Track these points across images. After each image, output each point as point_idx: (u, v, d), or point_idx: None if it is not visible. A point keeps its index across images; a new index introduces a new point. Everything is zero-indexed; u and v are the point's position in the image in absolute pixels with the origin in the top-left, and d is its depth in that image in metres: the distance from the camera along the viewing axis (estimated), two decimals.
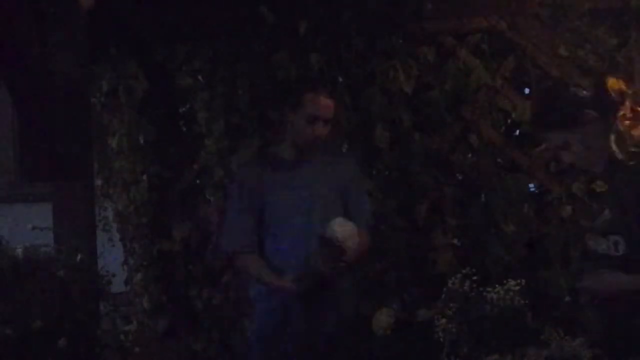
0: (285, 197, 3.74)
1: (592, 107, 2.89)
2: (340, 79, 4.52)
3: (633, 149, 2.94)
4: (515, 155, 4.43)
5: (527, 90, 4.49)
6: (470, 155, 4.45)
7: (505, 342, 3.04)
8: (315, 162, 3.79)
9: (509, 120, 4.51)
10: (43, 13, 3.68)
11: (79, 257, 3.45)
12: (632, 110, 2.99)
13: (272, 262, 3.73)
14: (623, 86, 2.97)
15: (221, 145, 4.77)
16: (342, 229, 3.48)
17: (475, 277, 3.13)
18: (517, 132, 4.54)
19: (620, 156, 2.92)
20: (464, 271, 3.15)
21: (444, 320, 3.07)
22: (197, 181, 4.96)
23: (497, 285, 3.13)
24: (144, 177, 5.09)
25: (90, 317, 3.38)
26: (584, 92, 2.95)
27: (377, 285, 4.39)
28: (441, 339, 3.05)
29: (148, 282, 5.10)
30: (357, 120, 4.49)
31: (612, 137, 2.92)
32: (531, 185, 4.47)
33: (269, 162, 3.84)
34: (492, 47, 4.44)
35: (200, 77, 4.84)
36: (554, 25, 4.31)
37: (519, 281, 3.14)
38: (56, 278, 3.32)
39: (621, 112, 2.96)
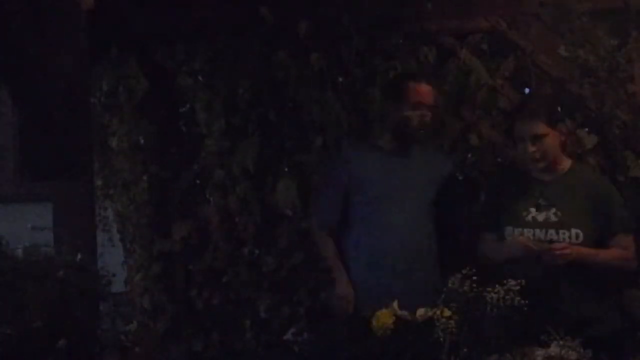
0: (380, 187, 3.86)
1: None
2: (340, 79, 4.52)
3: None
4: (515, 155, 4.42)
5: (527, 90, 4.49)
6: (470, 155, 4.44)
7: (505, 342, 3.04)
8: (413, 156, 3.94)
9: (509, 120, 4.51)
10: (43, 13, 3.68)
11: (79, 257, 3.44)
12: None
13: (363, 252, 3.85)
14: None
15: (221, 145, 4.77)
16: None
17: (475, 277, 3.14)
18: None
19: None
20: (464, 271, 3.15)
21: (443, 320, 3.07)
22: (197, 181, 4.96)
23: (497, 285, 3.13)
24: (144, 177, 5.09)
25: (90, 317, 3.38)
26: None
27: None
28: (441, 339, 3.05)
29: (148, 282, 5.10)
30: (357, 120, 4.49)
31: None
32: None
33: (367, 151, 4.00)
34: (492, 47, 4.44)
35: (200, 77, 4.84)
36: (554, 25, 4.30)
37: (519, 281, 3.15)
38: (56, 278, 3.31)
39: None
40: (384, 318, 3.22)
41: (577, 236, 3.49)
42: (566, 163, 3.66)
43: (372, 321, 3.23)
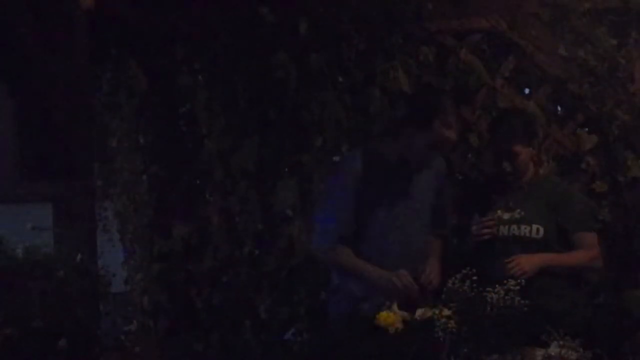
0: (386, 203, 3.69)
1: None
2: (340, 79, 4.52)
3: None
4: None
5: (527, 90, 4.49)
6: (470, 155, 4.44)
7: (505, 342, 3.04)
8: (420, 172, 3.74)
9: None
10: (43, 13, 3.68)
11: (79, 257, 3.45)
12: None
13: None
14: None
15: (221, 145, 4.77)
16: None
17: (475, 277, 3.14)
18: None
19: None
20: (464, 271, 3.15)
21: (443, 320, 3.07)
22: (197, 181, 4.96)
23: (497, 285, 3.13)
24: (144, 177, 5.09)
25: (90, 317, 3.38)
26: None
27: None
28: (441, 339, 3.05)
29: (148, 282, 5.10)
30: (357, 120, 4.49)
31: None
32: None
33: (374, 160, 3.73)
34: (492, 47, 4.45)
35: (200, 77, 4.84)
36: (554, 25, 4.31)
37: (518, 281, 3.15)
38: (56, 278, 3.32)
39: None
40: (389, 318, 3.22)
41: (537, 231, 3.72)
42: (532, 170, 3.85)
43: (377, 321, 3.23)
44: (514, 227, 3.73)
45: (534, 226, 3.72)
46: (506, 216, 3.73)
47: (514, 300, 3.06)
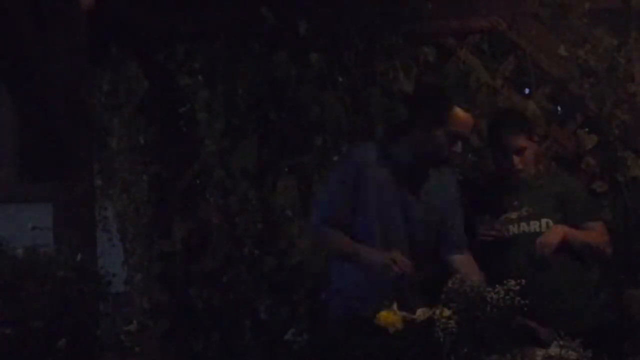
0: (385, 208, 3.56)
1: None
2: (340, 79, 4.52)
3: None
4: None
5: (527, 90, 4.49)
6: (470, 155, 4.44)
7: (505, 342, 3.04)
8: (429, 180, 3.62)
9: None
10: (43, 13, 3.68)
11: (79, 257, 3.44)
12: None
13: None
14: None
15: (221, 145, 4.77)
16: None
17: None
18: None
19: None
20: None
21: (443, 320, 3.07)
22: (197, 181, 4.96)
23: (497, 285, 3.14)
24: (144, 177, 5.09)
25: (90, 317, 3.37)
26: None
27: None
28: (441, 339, 3.05)
29: (148, 282, 5.10)
30: (357, 120, 4.49)
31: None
32: None
33: (378, 161, 3.58)
34: (492, 47, 4.45)
35: (200, 77, 4.84)
36: (554, 25, 4.31)
37: (518, 281, 3.15)
38: (56, 278, 3.31)
39: None
40: (390, 318, 3.22)
41: (547, 225, 3.68)
42: (535, 166, 3.83)
43: (377, 321, 3.22)
44: (524, 224, 3.70)
45: (543, 220, 3.69)
46: (514, 215, 3.71)
47: (513, 300, 3.06)
